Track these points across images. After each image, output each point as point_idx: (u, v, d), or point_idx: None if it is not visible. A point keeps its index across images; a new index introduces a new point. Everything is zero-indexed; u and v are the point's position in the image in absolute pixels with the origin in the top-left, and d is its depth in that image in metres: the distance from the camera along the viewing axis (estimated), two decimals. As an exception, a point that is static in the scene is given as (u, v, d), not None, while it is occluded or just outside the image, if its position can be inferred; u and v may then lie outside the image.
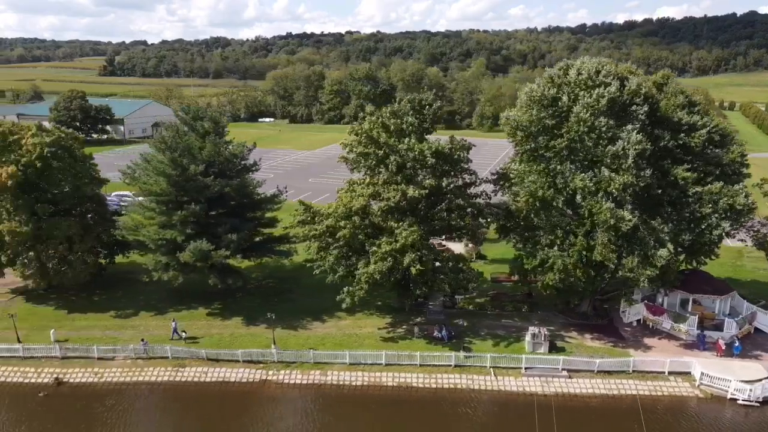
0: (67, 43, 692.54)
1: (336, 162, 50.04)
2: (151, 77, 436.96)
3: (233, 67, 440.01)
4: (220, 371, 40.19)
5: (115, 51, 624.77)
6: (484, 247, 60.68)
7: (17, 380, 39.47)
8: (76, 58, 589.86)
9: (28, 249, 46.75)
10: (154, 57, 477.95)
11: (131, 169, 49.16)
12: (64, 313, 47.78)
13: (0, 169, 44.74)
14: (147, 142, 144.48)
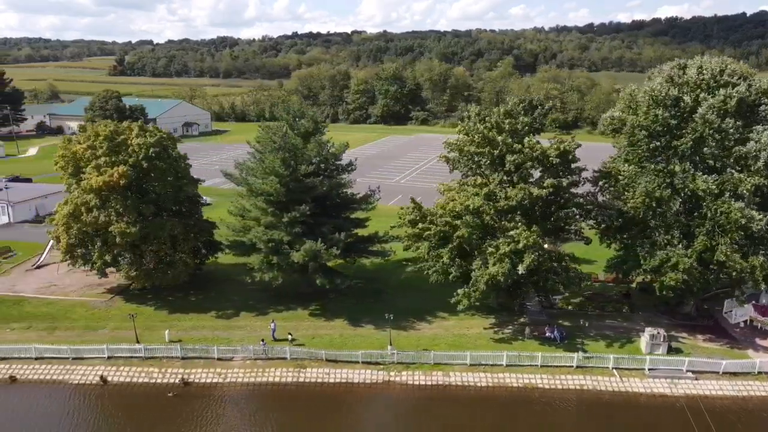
0: (73, 43, 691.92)
1: (375, 162, 50.03)
2: (162, 77, 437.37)
3: (243, 66, 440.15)
4: (341, 372, 40.11)
5: (122, 51, 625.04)
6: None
7: (143, 380, 39.39)
8: (84, 58, 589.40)
9: (133, 249, 46.64)
10: (164, 57, 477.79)
11: (239, 170, 49.06)
12: (165, 314, 47.72)
13: (111, 169, 44.78)
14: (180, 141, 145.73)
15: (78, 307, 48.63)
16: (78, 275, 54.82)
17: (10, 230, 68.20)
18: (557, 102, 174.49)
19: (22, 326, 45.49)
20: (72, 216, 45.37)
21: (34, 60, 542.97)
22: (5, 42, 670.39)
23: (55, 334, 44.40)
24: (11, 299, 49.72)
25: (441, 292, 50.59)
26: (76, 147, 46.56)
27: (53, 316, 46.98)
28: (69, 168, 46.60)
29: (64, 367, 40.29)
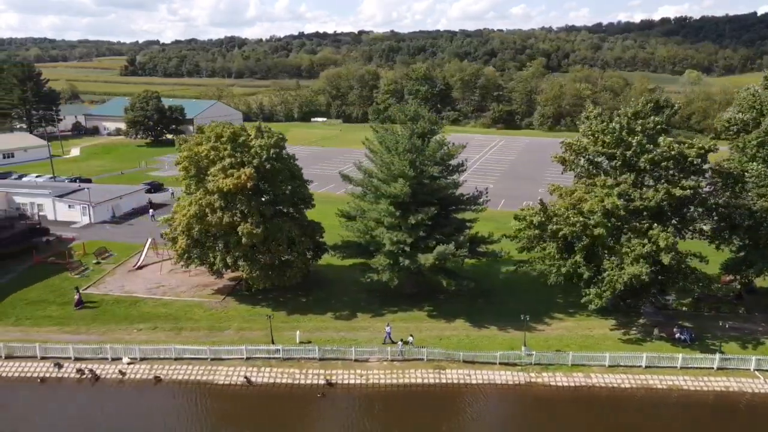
0: (80, 43, 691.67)
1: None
2: (173, 77, 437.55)
3: (255, 66, 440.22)
4: (482, 373, 40.14)
5: (132, 51, 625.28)
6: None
7: (287, 381, 39.42)
8: (94, 58, 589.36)
9: (253, 250, 46.65)
10: (175, 57, 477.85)
11: (362, 171, 49.13)
12: (284, 315, 47.73)
13: (238, 170, 44.83)
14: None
15: (195, 308, 48.66)
16: (181, 276, 54.98)
17: (92, 231, 68.19)
18: (588, 102, 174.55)
19: (148, 327, 45.54)
20: (196, 217, 45.40)
21: (43, 60, 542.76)
22: (10, 42, 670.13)
23: (182, 335, 44.45)
24: (127, 300, 49.75)
25: (547, 292, 51.15)
26: (199, 148, 46.53)
27: (175, 317, 47.02)
28: (192, 169, 46.56)
29: (205, 367, 40.33)
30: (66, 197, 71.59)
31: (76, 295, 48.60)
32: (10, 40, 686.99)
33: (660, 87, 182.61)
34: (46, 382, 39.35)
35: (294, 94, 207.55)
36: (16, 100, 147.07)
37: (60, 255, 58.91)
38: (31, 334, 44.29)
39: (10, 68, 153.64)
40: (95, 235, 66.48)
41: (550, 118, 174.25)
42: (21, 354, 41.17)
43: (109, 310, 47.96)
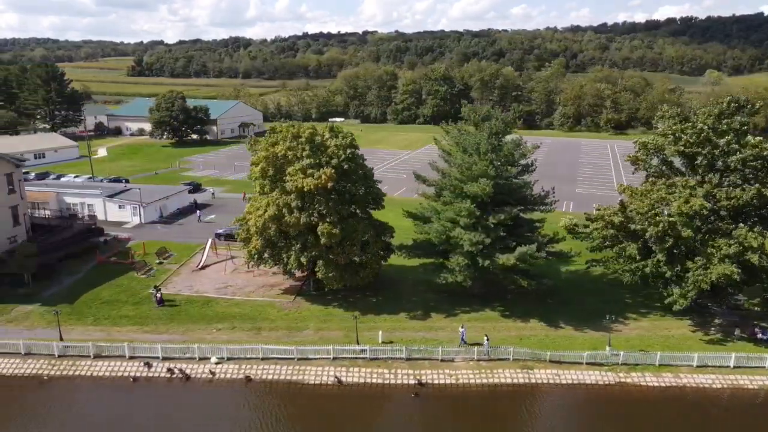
0: (84, 43, 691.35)
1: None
2: (180, 77, 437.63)
3: (262, 67, 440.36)
4: (570, 374, 40.14)
5: (139, 51, 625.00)
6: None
7: (377, 381, 39.43)
8: (99, 59, 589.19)
9: (329, 250, 46.65)
10: (182, 57, 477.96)
11: (437, 171, 49.16)
12: (357, 315, 47.66)
13: (318, 170, 44.89)
14: (242, 142, 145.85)
15: (268, 308, 48.69)
16: (245, 276, 55.06)
17: (144, 231, 68.19)
18: (609, 102, 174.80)
19: (226, 327, 45.57)
20: (274, 218, 45.41)
21: (48, 60, 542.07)
22: (14, 42, 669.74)
23: (262, 335, 44.48)
24: (198, 299, 49.79)
25: (612, 292, 51.42)
26: (275, 148, 46.55)
27: (251, 317, 47.05)
28: (270, 169, 46.55)
29: (293, 367, 40.35)
30: (116, 197, 71.60)
31: (158, 294, 48.75)
32: (13, 40, 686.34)
33: (680, 87, 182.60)
34: (137, 382, 39.34)
35: (311, 94, 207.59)
36: (41, 100, 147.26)
37: (121, 255, 59.00)
38: (113, 333, 44.34)
39: (33, 68, 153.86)
40: (148, 235, 66.46)
41: (570, 118, 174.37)
42: (109, 353, 41.19)
43: (184, 310, 48.00)
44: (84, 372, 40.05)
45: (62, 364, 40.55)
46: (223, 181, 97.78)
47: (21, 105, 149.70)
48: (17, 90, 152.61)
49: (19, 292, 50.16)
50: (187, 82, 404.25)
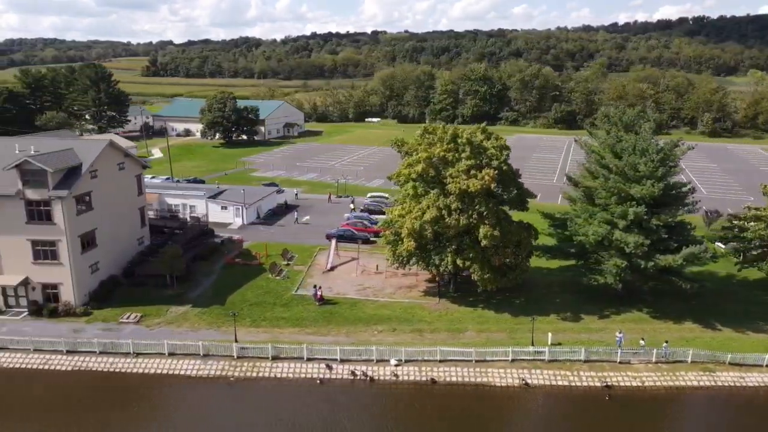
0: (94, 43, 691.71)
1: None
2: (195, 77, 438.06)
3: (278, 67, 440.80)
4: (754, 376, 39.98)
5: (145, 51, 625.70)
6: None
7: (563, 383, 39.28)
8: (111, 59, 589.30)
9: (483, 252, 46.56)
10: (197, 57, 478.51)
11: (591, 174, 49.10)
12: (508, 316, 47.67)
13: (480, 172, 44.85)
14: (289, 142, 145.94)
15: (417, 310, 48.63)
16: (376, 277, 55.07)
17: (250, 232, 68.09)
18: (651, 102, 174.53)
19: (387, 328, 45.50)
20: (434, 220, 45.30)
21: (60, 61, 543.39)
22: (21, 42, 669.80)
23: (425, 337, 44.41)
24: (344, 301, 49.73)
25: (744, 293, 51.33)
26: (434, 150, 46.44)
27: (405, 319, 46.97)
28: (431, 171, 46.44)
29: (473, 369, 40.25)
30: (218, 198, 71.55)
31: (319, 292, 49.08)
32: (20, 40, 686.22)
33: (722, 87, 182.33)
34: (324, 384, 39.24)
35: (346, 94, 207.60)
36: (90, 101, 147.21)
37: (243, 256, 58.95)
38: (276, 335, 44.28)
39: (82, 69, 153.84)
40: (254, 236, 66.32)
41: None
42: (287, 355, 41.12)
43: (337, 312, 47.92)
44: (265, 373, 39.97)
45: (243, 365, 40.48)
46: (295, 182, 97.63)
47: (70, 106, 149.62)
48: (65, 91, 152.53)
49: (167, 293, 50.08)
50: (203, 82, 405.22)
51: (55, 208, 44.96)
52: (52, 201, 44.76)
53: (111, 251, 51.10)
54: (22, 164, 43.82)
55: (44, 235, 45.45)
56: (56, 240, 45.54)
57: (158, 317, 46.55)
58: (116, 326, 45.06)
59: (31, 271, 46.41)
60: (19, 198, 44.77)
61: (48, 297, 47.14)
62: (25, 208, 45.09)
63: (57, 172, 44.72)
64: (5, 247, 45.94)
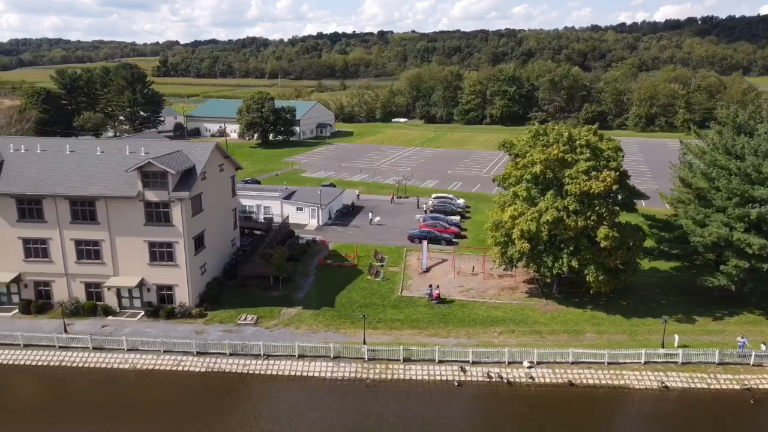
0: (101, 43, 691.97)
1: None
2: (206, 77, 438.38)
3: (289, 67, 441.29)
4: None
5: (152, 51, 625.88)
6: None
7: (703, 386, 39.21)
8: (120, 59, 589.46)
9: (598, 253, 46.51)
10: (207, 57, 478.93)
11: (705, 177, 49.09)
12: (620, 317, 47.62)
13: (599, 173, 44.87)
14: (325, 143, 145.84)
15: (527, 311, 48.63)
16: (473, 278, 55.02)
17: (327, 233, 68.03)
18: (682, 102, 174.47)
19: (505, 330, 45.50)
20: (553, 222, 45.25)
21: (69, 61, 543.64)
22: (25, 42, 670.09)
23: (546, 338, 44.41)
24: (453, 302, 49.65)
25: None
26: (551, 151, 46.39)
27: (519, 320, 46.96)
28: (549, 172, 46.43)
29: (609, 371, 40.21)
30: (292, 199, 71.52)
31: (437, 291, 49.48)
32: (24, 40, 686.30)
33: (753, 87, 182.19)
34: (462, 386, 39.19)
35: (372, 94, 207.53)
36: (126, 101, 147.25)
37: (335, 257, 58.93)
38: (397, 336, 44.26)
39: (118, 70, 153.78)
40: (333, 237, 66.23)
41: (643, 118, 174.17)
42: (419, 357, 41.08)
43: (449, 313, 47.89)
44: (399, 376, 39.94)
45: (375, 367, 40.44)
46: (348, 183, 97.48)
47: (105, 106, 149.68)
48: (100, 91, 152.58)
49: (272, 294, 50.08)
50: (215, 82, 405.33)
51: (174, 209, 44.93)
52: (171, 203, 44.73)
53: (214, 253, 51.13)
54: (145, 166, 43.80)
55: (162, 237, 45.44)
56: (174, 242, 45.52)
57: (273, 319, 46.53)
58: (236, 328, 45.06)
59: (147, 272, 46.40)
60: (139, 200, 44.76)
61: (162, 298, 47.15)
62: (144, 210, 45.07)
63: (176, 174, 44.70)
64: (122, 248, 45.95)
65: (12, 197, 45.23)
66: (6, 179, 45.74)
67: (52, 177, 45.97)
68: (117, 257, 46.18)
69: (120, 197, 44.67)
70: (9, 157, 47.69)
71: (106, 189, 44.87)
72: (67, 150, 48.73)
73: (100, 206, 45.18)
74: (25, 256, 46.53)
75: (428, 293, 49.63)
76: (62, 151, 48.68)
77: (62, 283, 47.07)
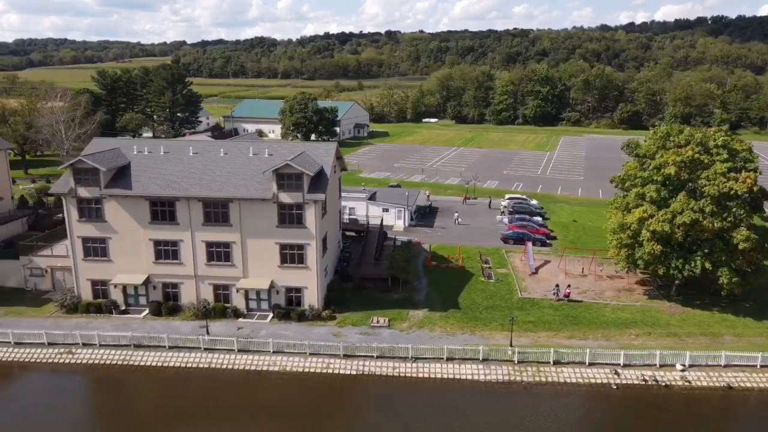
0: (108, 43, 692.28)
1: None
2: (219, 77, 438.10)
3: (301, 67, 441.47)
4: None
5: (161, 52, 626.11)
6: None
7: None
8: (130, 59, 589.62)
9: (730, 255, 46.26)
10: (219, 57, 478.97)
11: None
12: (751, 320, 47.36)
13: (741, 174, 44.69)
14: (366, 143, 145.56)
15: (654, 313, 48.34)
16: (585, 280, 54.75)
17: (416, 233, 67.83)
18: (718, 101, 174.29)
19: (641, 332, 45.19)
20: (690, 223, 44.98)
21: (79, 61, 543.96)
22: (30, 43, 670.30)
23: (684, 341, 44.04)
24: (578, 305, 49.40)
25: None
26: (685, 152, 46.15)
27: (650, 323, 46.57)
28: (682, 174, 46.17)
29: (759, 375, 39.92)
30: (377, 200, 71.28)
31: (567, 290, 49.85)
32: (29, 41, 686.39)
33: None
34: (619, 389, 38.92)
35: (402, 94, 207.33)
36: (168, 101, 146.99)
37: (437, 258, 58.71)
38: (535, 339, 43.94)
39: (158, 70, 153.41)
40: (427, 238, 65.92)
41: (679, 117, 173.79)
42: (569, 360, 40.84)
43: (578, 315, 47.60)
44: (551, 378, 39.61)
45: (527, 370, 40.18)
46: (409, 183, 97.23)
47: (146, 107, 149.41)
48: (140, 92, 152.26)
49: (392, 296, 49.87)
50: (230, 82, 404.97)
51: (307, 211, 44.68)
52: (305, 204, 44.50)
53: (329, 255, 50.89)
54: (283, 168, 43.55)
55: (294, 239, 45.18)
56: (305, 243, 45.28)
57: (403, 321, 46.24)
58: (370, 330, 44.76)
59: (277, 274, 46.14)
60: (273, 202, 44.51)
61: (290, 300, 46.90)
62: (277, 212, 44.83)
63: (311, 176, 44.44)
64: (253, 250, 45.67)
65: (146, 199, 44.97)
66: (138, 181, 45.49)
67: (184, 179, 45.70)
68: (247, 259, 45.91)
69: (255, 199, 44.40)
70: (134, 159, 47.47)
71: (240, 191, 44.60)
72: (191, 152, 48.54)
73: (234, 208, 44.92)
74: (155, 258, 46.29)
75: (554, 293, 49.45)
76: (186, 152, 48.48)
77: (191, 285, 46.81)
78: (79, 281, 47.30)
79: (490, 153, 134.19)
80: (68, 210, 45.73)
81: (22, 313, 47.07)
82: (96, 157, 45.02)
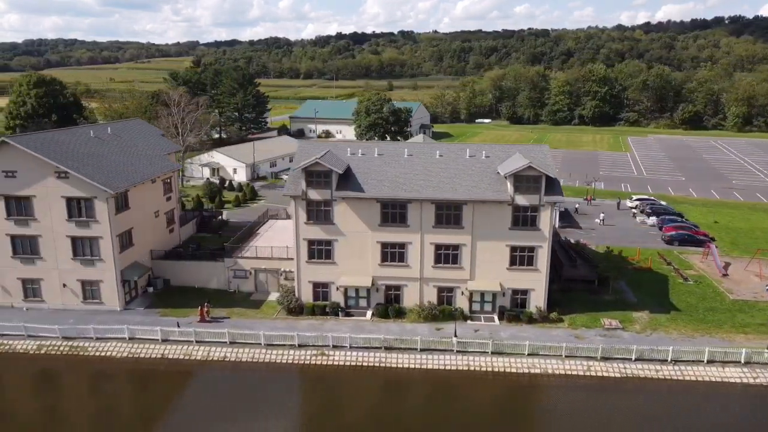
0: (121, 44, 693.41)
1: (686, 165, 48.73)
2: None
3: (323, 68, 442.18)
4: None
5: (176, 52, 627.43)
6: None
7: None
8: (146, 60, 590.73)
9: None
10: (241, 58, 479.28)
11: None
12: None
13: None
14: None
15: None
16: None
17: (567, 233, 67.55)
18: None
19: None
20: None
21: (96, 62, 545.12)
22: (40, 43, 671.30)
23: None
24: (790, 307, 49.18)
25: None
26: None
27: None
28: None
29: None
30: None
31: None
32: (39, 41, 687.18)
33: None
34: None
35: (455, 95, 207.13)
36: (241, 102, 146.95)
37: (624, 261, 58.50)
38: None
39: (229, 72, 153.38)
40: (581, 238, 65.80)
41: (741, 118, 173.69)
42: (757, 360, 40.70)
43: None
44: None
45: None
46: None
47: (216, 108, 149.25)
48: (209, 93, 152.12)
49: (604, 298, 49.56)
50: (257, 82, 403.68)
51: (542, 214, 44.38)
52: (541, 207, 44.23)
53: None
54: (523, 171, 43.27)
55: (527, 241, 44.86)
56: (537, 246, 44.95)
57: (632, 323, 45.91)
58: (608, 332, 44.29)
59: (505, 276, 45.83)
60: (508, 204, 44.25)
61: (515, 303, 46.61)
62: (511, 214, 44.56)
63: (548, 179, 44.16)
64: (482, 252, 45.37)
65: (378, 201, 44.73)
66: (366, 183, 45.22)
67: (409, 181, 45.43)
68: (476, 261, 45.64)
69: (491, 201, 44.14)
70: (351, 162, 47.25)
71: (475, 193, 44.34)
72: (405, 154, 48.33)
73: (467, 210, 44.64)
74: (381, 260, 46.05)
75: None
76: (401, 155, 48.27)
77: (414, 287, 46.51)
78: (300, 283, 47.05)
79: (570, 154, 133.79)
80: (296, 212, 45.50)
81: (243, 314, 46.84)
82: (327, 158, 44.78)
